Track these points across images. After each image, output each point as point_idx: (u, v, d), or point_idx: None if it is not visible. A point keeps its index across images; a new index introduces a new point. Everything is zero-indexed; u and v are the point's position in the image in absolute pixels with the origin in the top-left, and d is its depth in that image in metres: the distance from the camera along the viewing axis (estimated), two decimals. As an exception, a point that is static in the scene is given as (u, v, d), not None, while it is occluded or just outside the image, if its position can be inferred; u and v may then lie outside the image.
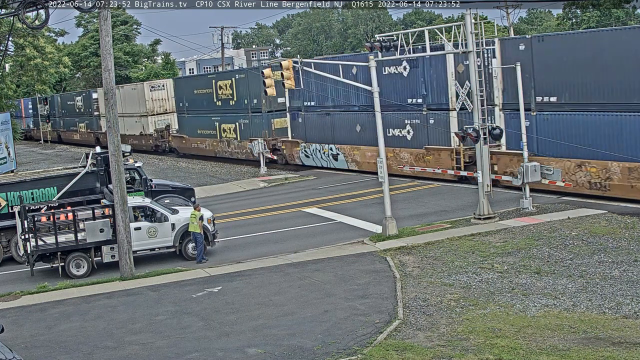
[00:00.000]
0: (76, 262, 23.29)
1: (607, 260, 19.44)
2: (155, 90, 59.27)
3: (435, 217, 26.80)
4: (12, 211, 25.20)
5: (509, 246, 21.58)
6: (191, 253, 24.03)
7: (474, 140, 25.16)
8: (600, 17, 73.74)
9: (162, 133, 59.04)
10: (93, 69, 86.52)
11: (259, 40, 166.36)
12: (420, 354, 14.04)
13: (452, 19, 79.78)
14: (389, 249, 22.47)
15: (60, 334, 17.26)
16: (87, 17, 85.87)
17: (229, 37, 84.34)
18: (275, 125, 45.07)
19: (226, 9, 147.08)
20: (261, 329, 16.28)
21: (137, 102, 60.25)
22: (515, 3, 60.37)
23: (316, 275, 20.29)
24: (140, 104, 59.92)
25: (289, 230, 27.23)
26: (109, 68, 22.02)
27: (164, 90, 59.32)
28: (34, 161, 60.09)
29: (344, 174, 39.06)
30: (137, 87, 61.84)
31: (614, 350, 13.48)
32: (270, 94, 28.23)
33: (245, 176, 43.08)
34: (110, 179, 23.16)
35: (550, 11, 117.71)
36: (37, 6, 20.72)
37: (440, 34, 26.44)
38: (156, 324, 17.41)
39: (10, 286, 22.37)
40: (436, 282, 18.85)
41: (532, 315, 15.86)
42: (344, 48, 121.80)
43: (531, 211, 25.84)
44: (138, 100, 60.17)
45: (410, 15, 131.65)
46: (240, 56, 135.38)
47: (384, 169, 24.59)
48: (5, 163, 46.93)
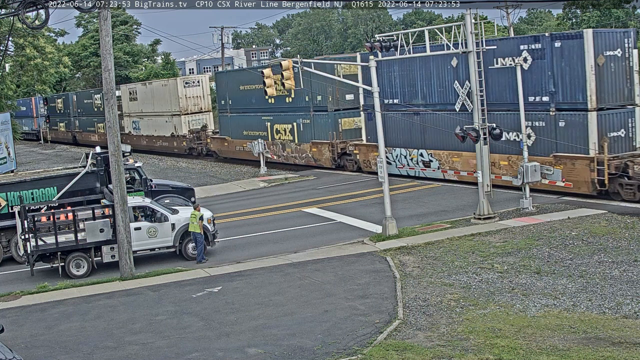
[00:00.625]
0: (76, 262, 23.29)
1: (607, 260, 19.44)
2: (189, 87, 54.47)
3: (435, 217, 26.80)
4: (12, 211, 25.20)
5: (509, 246, 21.58)
6: (191, 253, 24.03)
7: (474, 140, 25.15)
8: (600, 17, 73.72)
9: (199, 134, 53.49)
10: (93, 69, 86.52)
11: (259, 40, 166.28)
12: (420, 354, 14.04)
13: (452, 19, 79.81)
14: (389, 249, 22.47)
15: (60, 334, 17.25)
16: (87, 17, 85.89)
17: (229, 37, 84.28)
18: (343, 125, 39.87)
19: (226, 9, 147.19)
20: (261, 329, 16.28)
21: (169, 100, 55.36)
22: (515, 3, 60.33)
23: (316, 275, 20.29)
24: (172, 101, 54.96)
25: (289, 230, 27.23)
26: (109, 68, 22.01)
27: (199, 86, 54.74)
28: (34, 161, 60.08)
29: (343, 174, 39.03)
30: (169, 83, 56.50)
31: (614, 350, 13.48)
32: (270, 93, 28.16)
33: (245, 176, 43.08)
34: (110, 179, 23.15)
35: (550, 11, 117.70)
36: (37, 6, 20.74)
37: (440, 33, 26.43)
38: (156, 324, 17.41)
39: (10, 286, 22.36)
40: (436, 282, 18.85)
41: (532, 315, 15.86)
42: (344, 48, 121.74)
43: (531, 211, 25.84)
44: (170, 98, 55.21)
45: (410, 15, 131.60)
46: (240, 56, 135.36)
47: (384, 169, 24.59)
48: (5, 163, 46.90)
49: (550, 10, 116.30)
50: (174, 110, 54.95)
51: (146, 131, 60.70)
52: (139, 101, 60.93)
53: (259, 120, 45.98)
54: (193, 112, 54.62)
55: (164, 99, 56.09)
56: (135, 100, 61.58)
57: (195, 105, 54.62)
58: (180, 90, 54.14)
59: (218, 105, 51.04)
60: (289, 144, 43.61)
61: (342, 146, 39.64)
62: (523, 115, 26.68)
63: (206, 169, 48.52)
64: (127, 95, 63.17)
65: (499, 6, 61.26)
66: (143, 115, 60.77)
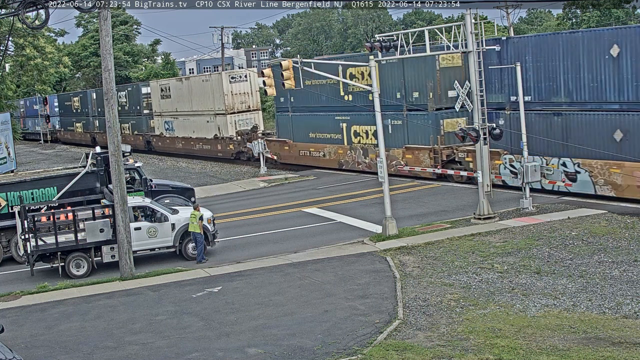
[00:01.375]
0: (76, 262, 23.28)
1: (607, 260, 19.44)
2: (236, 82, 48.35)
3: (435, 217, 26.80)
4: (12, 211, 25.20)
5: (509, 246, 21.58)
6: (191, 253, 24.03)
7: (474, 140, 25.16)
8: (600, 17, 73.72)
9: (249, 136, 46.37)
10: (93, 69, 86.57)
11: (259, 40, 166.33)
12: (420, 354, 14.04)
13: (452, 19, 79.79)
14: (389, 249, 22.47)
15: (60, 334, 17.25)
16: (87, 17, 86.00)
17: (229, 37, 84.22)
18: (446, 127, 33.30)
19: (226, 9, 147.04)
20: (261, 329, 16.28)
21: (211, 97, 49.43)
22: (515, 3, 60.28)
23: (316, 275, 20.29)
24: (215, 99, 48.88)
25: (289, 230, 27.23)
26: (109, 68, 22.01)
27: (247, 82, 48.89)
28: (34, 161, 60.05)
29: (344, 174, 38.99)
30: (212, 79, 50.28)
31: (614, 350, 13.48)
32: (270, 93, 28.14)
33: (245, 176, 43.06)
34: (110, 179, 23.15)
35: (550, 11, 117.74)
36: (37, 6, 20.74)
37: (440, 34, 26.43)
38: (156, 324, 17.41)
39: (10, 286, 22.36)
40: (436, 282, 18.85)
41: (532, 315, 15.86)
42: (344, 48, 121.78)
43: (531, 211, 25.84)
44: (212, 95, 49.21)
45: (410, 15, 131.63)
46: (240, 56, 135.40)
47: (384, 169, 24.59)
48: (5, 163, 46.92)
49: (550, 10, 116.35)
50: (218, 108, 48.90)
51: (182, 132, 54.73)
52: (173, 99, 55.19)
53: (331, 121, 39.51)
54: (240, 111, 48.44)
55: (205, 96, 50.18)
56: (168, 98, 55.84)
57: (243, 103, 48.55)
58: (225, 86, 47.95)
59: (276, 103, 45.22)
60: (373, 149, 36.53)
61: (447, 152, 32.63)
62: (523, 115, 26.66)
63: (206, 169, 48.46)
64: (157, 92, 57.33)
65: (499, 6, 61.23)
66: (178, 114, 55.00)
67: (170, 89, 55.86)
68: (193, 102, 51.65)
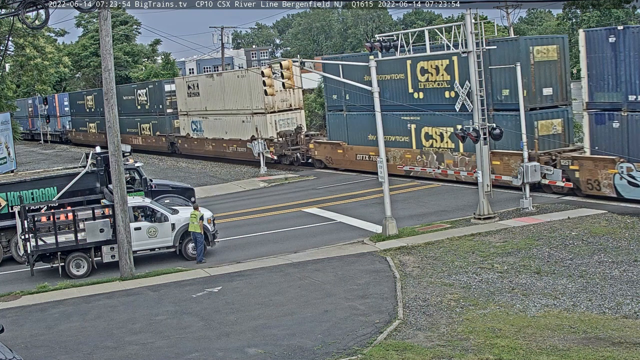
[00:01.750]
0: (76, 262, 23.28)
1: (607, 260, 19.44)
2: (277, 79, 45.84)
3: (435, 217, 26.80)
4: (12, 211, 25.20)
5: (509, 246, 21.58)
6: (191, 253, 24.03)
7: (474, 140, 25.15)
8: (600, 17, 73.70)
9: (293, 139, 42.88)
10: (93, 69, 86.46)
11: (259, 40, 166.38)
12: (420, 354, 14.04)
13: (452, 19, 79.76)
14: (389, 249, 22.47)
15: (60, 334, 17.26)
16: (87, 17, 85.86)
17: (229, 37, 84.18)
18: (540, 129, 29.15)
19: (226, 9, 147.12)
20: (261, 329, 16.28)
21: (248, 95, 45.36)
22: (515, 3, 60.27)
23: (316, 275, 20.30)
24: (252, 97, 44.70)
25: (289, 230, 27.23)
26: (109, 68, 22.01)
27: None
28: (34, 161, 60.05)
29: (343, 174, 38.97)
30: (248, 75, 46.25)
31: (614, 350, 13.48)
32: (270, 93, 28.11)
33: (245, 176, 43.04)
34: (110, 179, 23.15)
35: (550, 11, 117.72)
36: (37, 6, 20.73)
37: (440, 33, 26.42)
38: (156, 324, 17.41)
39: (10, 286, 22.36)
40: (436, 282, 18.85)
41: (532, 315, 15.86)
42: (344, 48, 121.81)
43: (531, 211, 25.84)
44: (249, 92, 45.10)
45: (410, 15, 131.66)
46: (240, 56, 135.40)
47: (384, 169, 24.59)
48: (5, 163, 46.90)
49: (550, 10, 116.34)
50: (256, 107, 44.69)
51: (212, 134, 50.13)
52: (202, 97, 50.81)
53: (397, 121, 34.80)
54: (281, 110, 44.35)
55: (240, 94, 45.93)
56: (197, 96, 51.50)
57: (284, 101, 44.24)
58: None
59: (327, 101, 41.65)
60: (449, 154, 32.71)
61: (545, 159, 28.12)
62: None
63: (206, 169, 48.44)
64: (184, 89, 53.15)
65: (499, 6, 61.19)
66: (207, 114, 50.51)
67: (198, 86, 51.55)
68: (226, 101, 47.74)
